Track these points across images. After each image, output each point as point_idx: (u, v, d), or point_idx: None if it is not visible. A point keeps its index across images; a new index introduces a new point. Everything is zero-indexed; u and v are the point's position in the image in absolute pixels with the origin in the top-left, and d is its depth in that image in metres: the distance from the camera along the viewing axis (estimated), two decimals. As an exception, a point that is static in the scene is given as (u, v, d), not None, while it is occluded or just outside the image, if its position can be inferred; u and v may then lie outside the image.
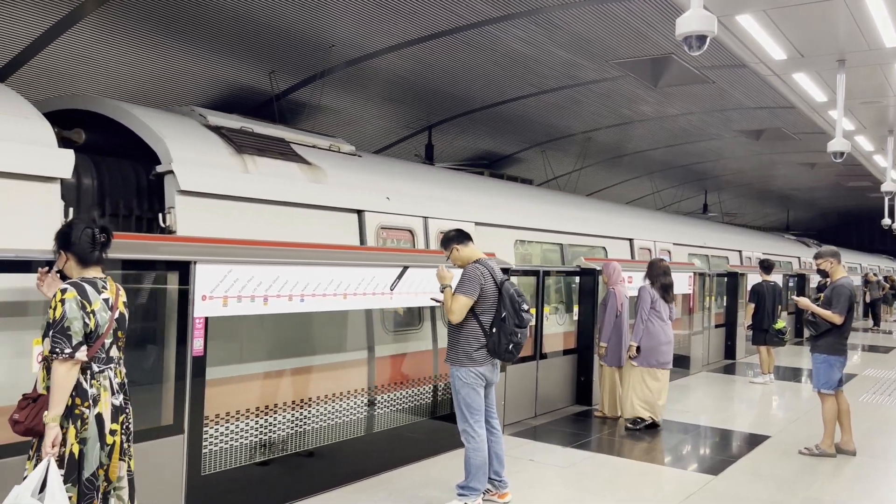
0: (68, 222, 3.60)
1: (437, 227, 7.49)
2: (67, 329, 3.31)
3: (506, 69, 12.53)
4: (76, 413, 3.36)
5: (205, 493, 4.68)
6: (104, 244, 3.57)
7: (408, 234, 7.24)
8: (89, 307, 3.41)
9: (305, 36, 10.52)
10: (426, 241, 7.42)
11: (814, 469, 6.60)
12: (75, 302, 3.36)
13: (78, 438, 3.36)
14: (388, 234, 6.99)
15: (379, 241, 6.87)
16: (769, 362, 11.22)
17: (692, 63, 12.10)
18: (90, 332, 3.41)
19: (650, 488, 5.98)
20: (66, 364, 3.31)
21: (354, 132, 14.96)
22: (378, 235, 6.83)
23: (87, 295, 3.42)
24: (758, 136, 18.22)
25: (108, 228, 3.61)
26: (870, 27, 8.22)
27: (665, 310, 7.88)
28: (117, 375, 3.55)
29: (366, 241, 6.66)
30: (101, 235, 3.54)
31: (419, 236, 7.36)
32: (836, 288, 6.99)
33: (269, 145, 6.33)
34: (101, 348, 3.47)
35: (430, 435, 6.62)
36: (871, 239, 41.07)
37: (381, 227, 6.87)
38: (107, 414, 3.45)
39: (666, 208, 25.64)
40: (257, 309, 4.89)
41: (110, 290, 3.57)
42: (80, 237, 3.49)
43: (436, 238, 7.43)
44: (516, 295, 5.21)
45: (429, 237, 7.47)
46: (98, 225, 3.56)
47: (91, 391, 3.41)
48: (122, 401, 3.56)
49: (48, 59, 9.88)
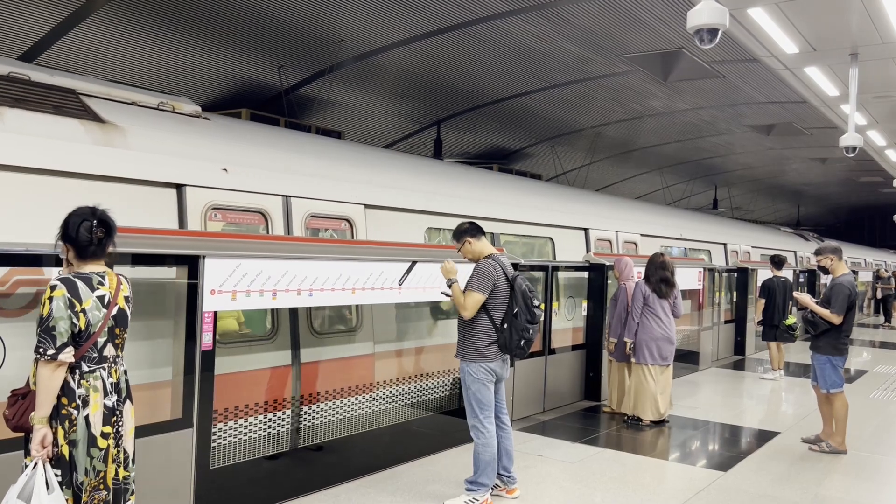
0: (69, 213, 3.40)
1: (305, 209, 5.99)
2: (52, 329, 3.14)
3: (515, 64, 12.49)
4: (63, 414, 3.22)
5: (213, 486, 4.70)
6: (102, 239, 3.37)
7: (257, 218, 5.67)
8: (79, 306, 3.23)
9: (315, 31, 10.52)
10: (287, 228, 5.80)
11: (824, 466, 6.57)
12: (63, 300, 3.18)
13: (67, 440, 3.22)
14: (225, 215, 5.44)
15: (209, 226, 5.31)
16: (779, 358, 11.17)
17: (702, 57, 12.03)
18: (79, 332, 3.24)
19: (659, 484, 5.96)
20: (50, 366, 3.15)
21: (363, 127, 14.97)
22: (208, 218, 5.28)
23: (77, 292, 3.24)
24: (769, 130, 18.13)
25: (107, 222, 3.39)
26: (883, 21, 8.15)
27: (660, 306, 7.83)
28: (111, 375, 3.37)
29: (186, 225, 5.19)
30: (98, 229, 3.34)
31: (276, 220, 5.75)
32: (836, 286, 6.82)
33: (39, 96, 4.84)
34: (92, 347, 3.29)
35: (438, 430, 6.62)
36: (882, 235, 40.81)
37: (212, 208, 5.31)
38: (97, 416, 3.27)
39: (676, 203, 25.51)
40: (266, 303, 4.89)
41: (109, 285, 3.38)
42: (78, 230, 3.32)
43: (303, 224, 5.95)
44: (528, 291, 5.19)
45: (291, 222, 5.86)
46: (97, 217, 3.36)
47: (79, 391, 3.24)
48: (116, 401, 3.37)
49: (58, 54, 9.93)
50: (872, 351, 15.53)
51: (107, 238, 3.40)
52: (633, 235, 11.57)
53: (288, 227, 5.82)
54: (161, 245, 4.43)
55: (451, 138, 16.35)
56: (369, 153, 7.73)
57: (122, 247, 4.13)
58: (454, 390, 6.82)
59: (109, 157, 4.86)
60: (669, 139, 19.28)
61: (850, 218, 42.33)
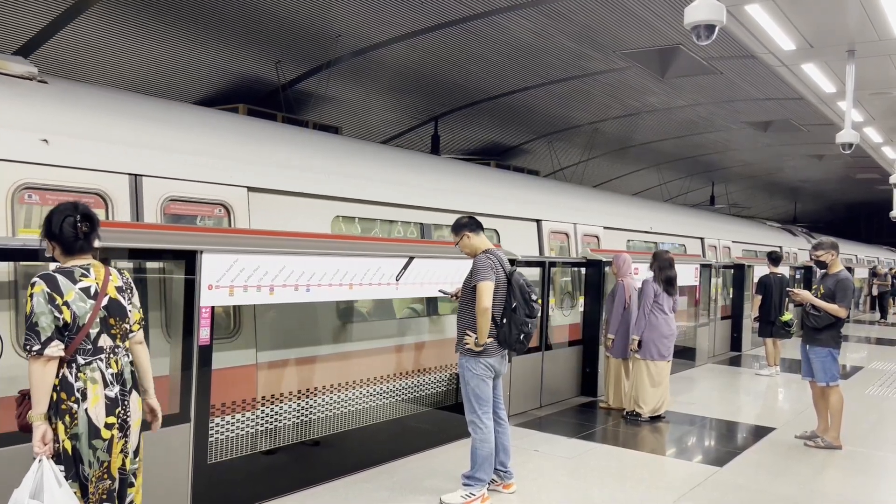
0: (51, 210, 3.41)
1: (162, 191, 4.97)
2: (35, 325, 3.17)
3: (513, 59, 12.49)
4: (63, 409, 3.24)
5: (211, 481, 4.71)
6: (87, 233, 3.39)
7: (93, 200, 4.64)
8: (60, 299, 3.23)
9: (312, 26, 10.50)
10: (136, 213, 4.81)
11: (819, 461, 6.59)
12: (42, 296, 3.20)
13: (68, 434, 3.24)
14: (44, 197, 4.44)
15: (17, 210, 4.32)
16: (775, 354, 11.21)
17: (700, 54, 12.04)
18: (66, 325, 3.24)
19: (655, 479, 5.98)
20: (39, 361, 3.18)
21: (361, 122, 14.96)
22: (17, 200, 4.31)
23: (57, 286, 3.25)
24: (766, 127, 18.15)
25: (91, 216, 3.42)
26: (880, 17, 8.16)
27: (668, 303, 7.87)
28: (111, 366, 3.37)
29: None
30: (83, 224, 3.36)
31: (119, 204, 4.74)
32: (841, 281, 6.90)
33: None
34: (85, 339, 3.29)
35: (436, 425, 6.63)
36: (879, 231, 40.92)
37: (25, 188, 4.33)
38: (99, 408, 3.29)
39: (673, 200, 25.54)
40: (263, 299, 4.89)
41: (96, 277, 3.38)
42: (62, 226, 3.33)
43: (158, 210, 4.93)
44: (526, 285, 5.21)
45: (141, 207, 4.84)
46: (80, 212, 3.38)
47: (77, 385, 3.25)
48: (119, 392, 3.38)
49: (55, 49, 9.90)
50: (868, 347, 15.58)
51: (91, 232, 3.41)
52: (595, 228, 10.47)
53: (137, 212, 4.81)
54: (159, 240, 4.43)
55: (448, 134, 16.35)
56: (256, 126, 6.46)
57: (119, 242, 4.14)
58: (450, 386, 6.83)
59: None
60: (667, 135, 19.29)
61: (847, 215, 42.41)
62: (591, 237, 10.31)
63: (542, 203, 9.60)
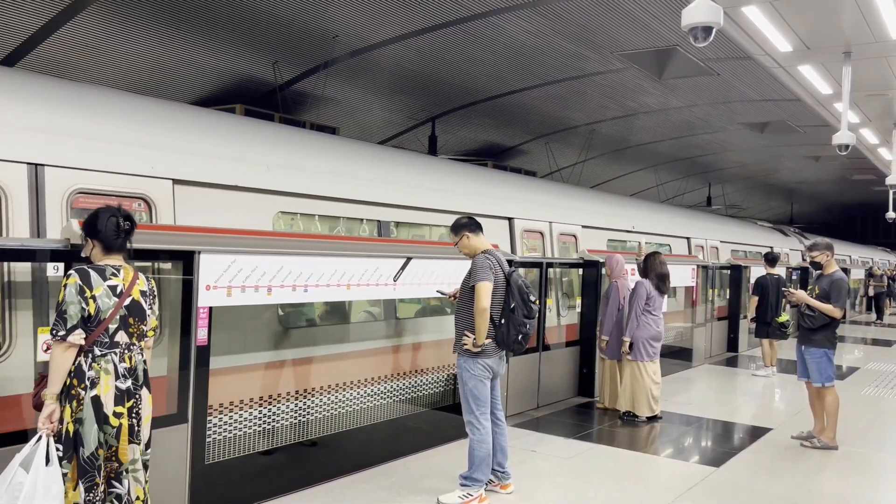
0: (94, 211, 3.70)
1: (68, 183, 4.47)
2: (64, 312, 3.43)
3: (510, 60, 12.50)
4: (72, 394, 3.47)
5: (208, 481, 4.71)
6: (128, 231, 3.70)
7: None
8: (89, 292, 3.50)
9: (309, 26, 10.50)
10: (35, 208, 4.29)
11: (816, 461, 6.61)
12: (75, 287, 3.47)
13: (73, 418, 3.47)
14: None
15: None
16: (772, 355, 11.23)
17: (697, 55, 12.07)
18: (89, 317, 3.50)
19: (652, 479, 5.99)
20: (61, 346, 3.43)
21: (358, 123, 14.96)
22: None
23: (89, 280, 3.52)
24: (762, 128, 18.19)
25: (131, 217, 3.74)
26: (876, 19, 8.19)
27: (660, 304, 7.88)
28: (125, 360, 3.59)
29: None
30: (125, 223, 3.67)
31: (14, 197, 4.21)
32: (837, 281, 6.92)
33: None
34: (103, 333, 3.54)
35: (434, 425, 6.63)
36: (875, 232, 41.04)
37: None
38: (108, 397, 3.51)
39: (670, 201, 25.57)
40: (261, 299, 4.89)
41: (124, 277, 3.65)
42: (106, 225, 3.63)
43: (65, 204, 4.44)
44: (524, 286, 5.23)
45: (43, 201, 4.32)
46: (122, 213, 3.69)
47: (90, 374, 3.48)
48: (132, 385, 3.60)
49: (52, 49, 9.88)
50: (864, 348, 15.60)
51: (130, 231, 3.73)
52: (572, 227, 9.88)
53: (37, 207, 4.29)
54: (157, 241, 4.42)
55: (445, 135, 16.36)
56: (186, 112, 5.93)
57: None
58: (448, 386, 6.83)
59: None
60: (664, 136, 19.32)
61: (844, 216, 42.52)
62: (568, 237, 9.78)
63: (515, 200, 9.04)
